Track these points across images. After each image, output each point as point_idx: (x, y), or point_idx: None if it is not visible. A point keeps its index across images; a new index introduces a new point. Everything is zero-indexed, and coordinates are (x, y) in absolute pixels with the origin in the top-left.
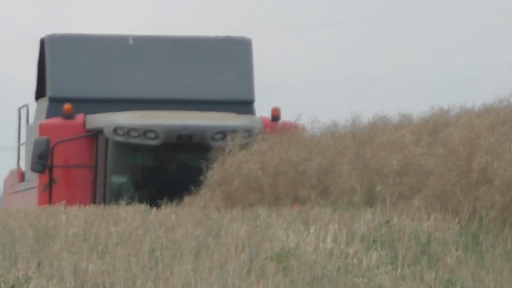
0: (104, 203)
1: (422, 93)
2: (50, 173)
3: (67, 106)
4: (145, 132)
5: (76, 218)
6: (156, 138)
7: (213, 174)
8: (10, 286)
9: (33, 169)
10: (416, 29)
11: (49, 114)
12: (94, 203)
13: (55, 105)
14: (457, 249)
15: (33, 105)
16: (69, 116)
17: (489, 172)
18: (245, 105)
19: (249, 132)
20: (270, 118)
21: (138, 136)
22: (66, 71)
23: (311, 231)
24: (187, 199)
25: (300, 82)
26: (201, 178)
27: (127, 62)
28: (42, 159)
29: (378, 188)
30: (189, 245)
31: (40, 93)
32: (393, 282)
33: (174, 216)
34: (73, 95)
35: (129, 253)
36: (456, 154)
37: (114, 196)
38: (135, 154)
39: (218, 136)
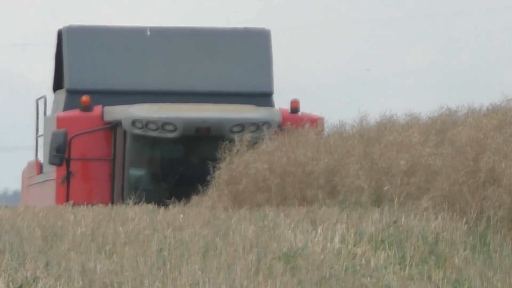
0: (122, 197)
1: (430, 93)
2: (68, 166)
3: (84, 98)
4: (163, 124)
5: (84, 217)
6: (174, 130)
7: (221, 174)
8: (18, 286)
9: (50, 162)
10: (425, 28)
11: (67, 106)
12: (112, 196)
13: (73, 97)
14: (464, 249)
15: (51, 96)
16: (86, 108)
17: (496, 172)
18: (264, 97)
19: (268, 124)
20: (289, 110)
21: (157, 129)
22: (83, 63)
23: (319, 231)
24: (194, 199)
25: (308, 81)
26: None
27: (145, 54)
28: (60, 152)
29: (385, 188)
30: (196, 245)
31: (57, 84)
32: (401, 282)
33: (181, 216)
34: (91, 87)
35: (137, 253)
36: (463, 154)
37: (132, 189)
38: (153, 147)
39: (237, 128)
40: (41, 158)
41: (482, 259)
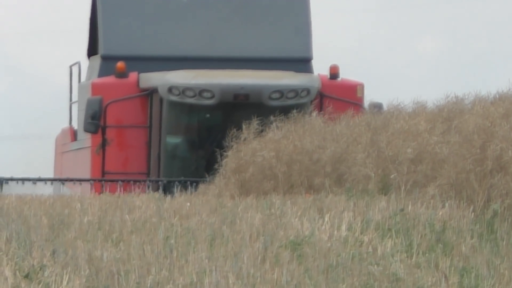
0: (159, 165)
1: (439, 81)
2: (103, 133)
3: (120, 64)
4: (200, 91)
5: (90, 206)
6: (211, 97)
7: (228, 162)
8: (25, 274)
9: (85, 129)
10: (436, 16)
11: (102, 73)
12: (148, 165)
13: (108, 64)
14: (472, 237)
15: (85, 62)
16: (122, 74)
17: (503, 160)
18: (302, 63)
19: (307, 91)
20: (329, 76)
21: (194, 96)
22: (119, 28)
23: (326, 219)
24: (201, 187)
25: (316, 69)
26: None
27: (181, 19)
28: (95, 120)
29: (392, 176)
30: (203, 233)
31: (92, 50)
32: (407, 270)
33: (188, 204)
34: (126, 53)
35: (143, 241)
36: (470, 142)
37: (169, 157)
38: (190, 114)
39: (275, 95)
40: (75, 125)
41: (489, 247)
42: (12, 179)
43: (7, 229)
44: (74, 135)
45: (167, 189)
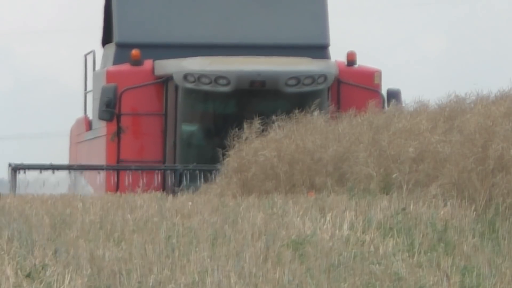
0: (175, 154)
1: (442, 80)
2: (118, 121)
3: (135, 51)
4: (216, 78)
5: (92, 205)
6: (227, 84)
7: (230, 161)
8: (27, 273)
9: (100, 117)
10: (439, 15)
11: (116, 60)
12: (164, 153)
13: (123, 51)
14: (473, 236)
15: (99, 51)
16: (137, 62)
17: (505, 159)
18: (319, 50)
19: (324, 77)
20: (346, 63)
21: (209, 83)
22: (133, 16)
23: (328, 218)
24: (203, 186)
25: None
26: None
27: (196, 6)
28: (110, 107)
29: (394, 175)
30: (205, 233)
31: (106, 38)
32: (409, 269)
33: (190, 203)
34: (141, 40)
35: (145, 240)
36: (472, 141)
37: (184, 145)
38: (206, 102)
39: (292, 82)
40: (90, 114)
41: (491, 246)
42: (28, 167)
43: (9, 228)
44: (89, 124)
45: (186, 180)
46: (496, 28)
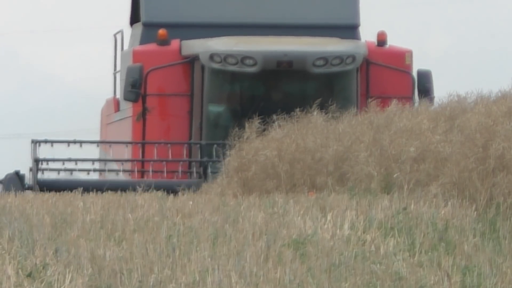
0: (201, 134)
1: (440, 80)
2: (144, 102)
3: (161, 31)
4: (243, 58)
5: (93, 204)
6: (254, 65)
7: (230, 161)
8: (28, 273)
9: (125, 97)
10: (444, 14)
11: (143, 40)
12: (190, 134)
13: (150, 31)
14: (474, 236)
15: (128, 30)
16: (164, 42)
17: (506, 159)
18: (349, 30)
19: (352, 57)
20: (376, 43)
21: (236, 63)
22: None
23: (328, 218)
24: (204, 186)
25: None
26: (301, 107)
27: None
28: (135, 88)
29: (395, 175)
30: (206, 232)
31: (134, 18)
32: (410, 269)
33: (191, 203)
34: (168, 20)
35: (146, 239)
36: (473, 140)
37: (211, 126)
38: (233, 82)
39: (320, 62)
40: (118, 95)
41: (492, 246)
42: (53, 141)
43: (10, 228)
44: (117, 105)
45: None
46: (496, 28)
